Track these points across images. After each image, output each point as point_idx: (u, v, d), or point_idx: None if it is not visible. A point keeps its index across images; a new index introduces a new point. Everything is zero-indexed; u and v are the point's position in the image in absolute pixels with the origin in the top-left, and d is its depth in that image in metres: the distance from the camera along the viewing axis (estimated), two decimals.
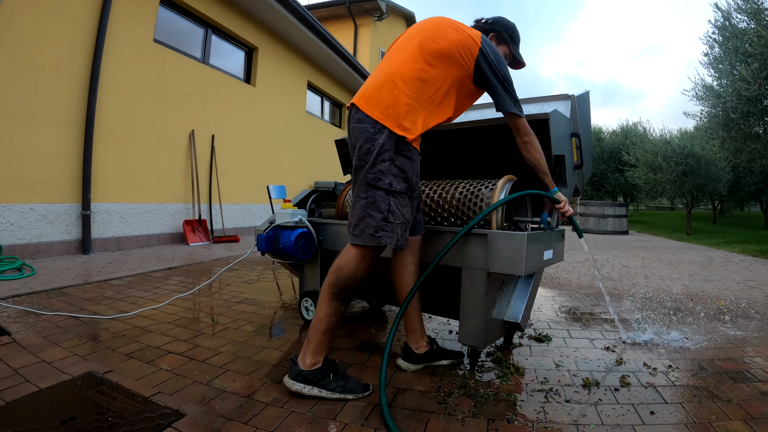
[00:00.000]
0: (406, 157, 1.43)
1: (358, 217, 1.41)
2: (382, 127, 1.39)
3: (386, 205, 1.39)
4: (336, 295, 1.41)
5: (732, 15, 6.78)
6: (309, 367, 1.42)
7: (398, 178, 1.41)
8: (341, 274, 1.42)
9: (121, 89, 4.60)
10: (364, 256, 1.42)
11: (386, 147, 1.38)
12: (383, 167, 1.39)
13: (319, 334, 1.42)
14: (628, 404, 1.44)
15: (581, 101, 2.12)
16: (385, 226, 1.39)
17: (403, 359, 1.72)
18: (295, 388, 1.41)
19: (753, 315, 2.68)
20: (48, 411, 1.27)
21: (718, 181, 10.38)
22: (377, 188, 1.39)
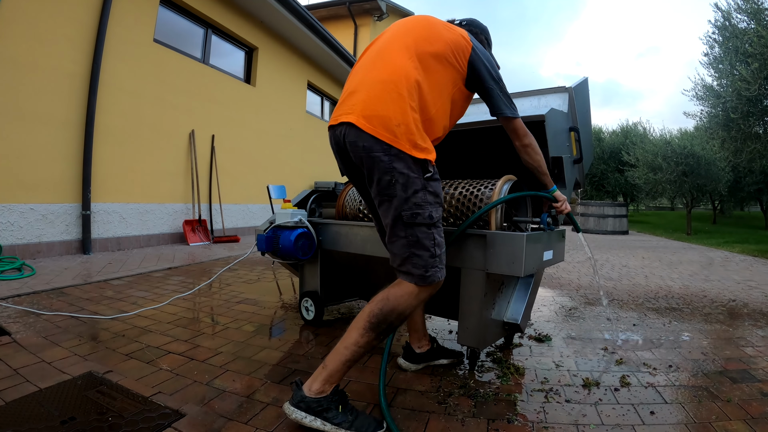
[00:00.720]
0: (435, 180, 1.26)
1: (403, 258, 1.25)
2: (398, 152, 1.19)
3: (431, 241, 1.24)
4: (374, 326, 1.23)
5: (732, 15, 6.78)
6: (315, 395, 1.22)
7: (434, 206, 1.25)
8: (387, 306, 1.24)
9: (121, 89, 4.60)
10: (418, 294, 1.26)
11: (413, 175, 1.21)
12: (418, 200, 1.21)
13: (339, 362, 1.23)
14: (628, 404, 1.44)
15: (579, 92, 2.05)
16: (434, 263, 1.25)
17: (404, 359, 1.72)
18: (294, 417, 1.21)
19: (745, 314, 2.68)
20: (48, 411, 1.27)
21: (718, 181, 10.38)
22: (418, 225, 1.23)
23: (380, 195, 1.25)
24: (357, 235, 1.96)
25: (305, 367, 1.71)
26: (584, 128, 2.12)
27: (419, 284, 1.24)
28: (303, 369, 1.68)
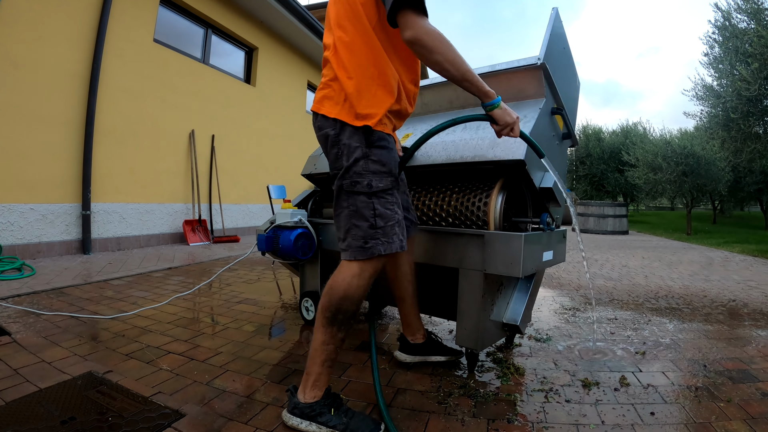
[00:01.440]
0: (380, 147, 1.22)
1: (345, 230, 1.24)
2: (342, 124, 1.20)
3: (371, 210, 1.21)
4: (330, 320, 1.22)
5: (732, 15, 6.79)
6: (307, 400, 1.24)
7: (378, 175, 1.21)
8: (333, 295, 1.22)
9: (122, 89, 4.60)
10: (361, 272, 1.22)
11: (354, 144, 1.20)
12: (358, 168, 1.20)
13: (317, 365, 1.25)
14: (628, 404, 1.44)
15: (552, 55, 1.74)
16: (374, 234, 1.20)
17: (399, 350, 1.74)
18: (291, 423, 1.23)
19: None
20: (48, 411, 1.27)
21: (718, 181, 10.38)
22: (357, 194, 1.21)
23: (332, 169, 1.26)
24: None
25: (305, 367, 1.70)
26: (564, 71, 1.87)
27: (359, 258, 1.21)
28: (303, 369, 1.67)
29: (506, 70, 1.77)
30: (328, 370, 1.26)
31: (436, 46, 1.12)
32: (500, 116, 1.27)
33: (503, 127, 1.29)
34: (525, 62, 1.70)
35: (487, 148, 1.61)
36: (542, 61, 1.66)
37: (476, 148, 1.64)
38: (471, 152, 1.64)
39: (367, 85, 1.19)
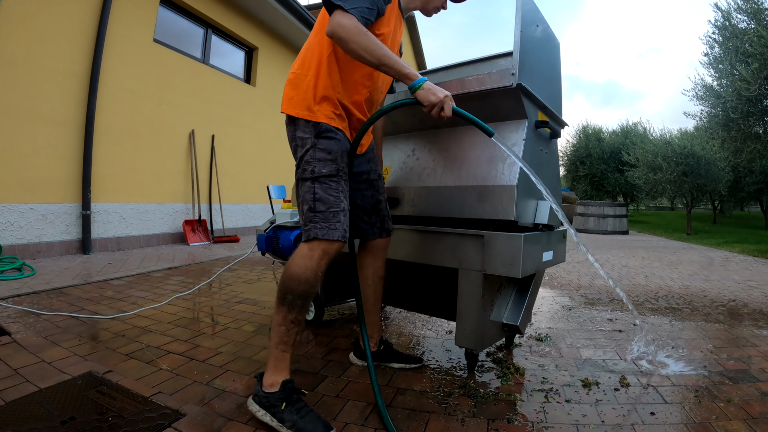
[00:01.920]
0: (328, 138, 1.31)
1: (300, 216, 1.34)
2: (295, 120, 1.34)
3: (311, 194, 1.28)
4: (281, 299, 1.27)
5: (732, 15, 6.78)
6: (266, 389, 1.26)
7: (322, 162, 1.29)
8: (285, 273, 1.28)
9: (121, 89, 4.60)
10: (307, 253, 1.27)
11: (305, 136, 1.31)
12: (306, 157, 1.30)
13: (272, 346, 1.28)
14: (628, 404, 1.44)
15: (528, 53, 1.56)
16: (313, 217, 1.27)
17: (354, 354, 1.76)
18: (251, 409, 1.28)
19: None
20: (48, 411, 1.27)
21: (718, 181, 10.38)
22: (304, 180, 1.30)
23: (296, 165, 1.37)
24: None
25: (305, 367, 1.71)
26: (542, 51, 1.70)
27: (305, 241, 1.28)
28: (303, 369, 1.68)
29: (479, 92, 1.59)
30: (283, 354, 1.27)
31: (349, 36, 1.18)
32: (424, 97, 1.26)
33: (431, 108, 1.27)
34: (498, 82, 1.53)
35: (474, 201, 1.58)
36: (517, 83, 1.48)
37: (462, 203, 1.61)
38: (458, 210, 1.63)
39: (312, 85, 1.32)
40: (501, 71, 1.55)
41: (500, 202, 1.49)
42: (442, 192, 1.66)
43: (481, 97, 1.61)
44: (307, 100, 1.32)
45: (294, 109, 1.33)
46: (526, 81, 1.54)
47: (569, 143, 17.98)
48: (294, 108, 1.33)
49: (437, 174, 1.71)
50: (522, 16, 1.51)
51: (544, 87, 1.70)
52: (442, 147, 1.76)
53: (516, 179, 1.47)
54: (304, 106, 1.32)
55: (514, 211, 1.46)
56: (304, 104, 1.32)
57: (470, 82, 1.63)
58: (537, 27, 1.63)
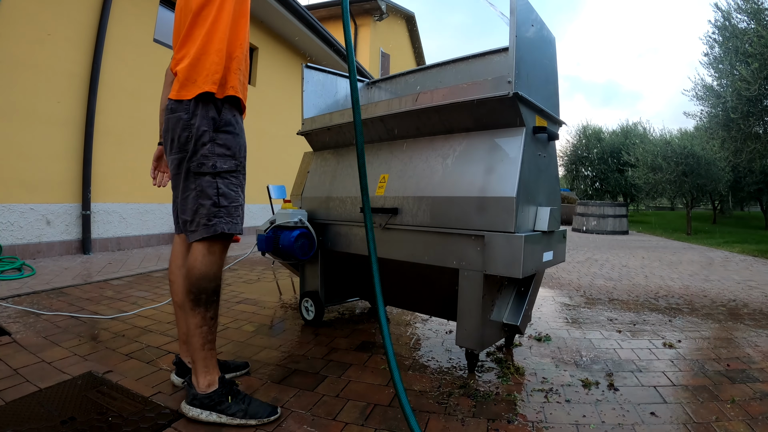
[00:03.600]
0: (227, 132, 1.30)
1: (192, 212, 1.28)
2: (194, 105, 1.26)
3: (214, 189, 1.28)
4: (195, 300, 1.25)
5: (732, 15, 6.78)
6: (204, 390, 1.26)
7: (223, 157, 1.29)
8: (191, 276, 1.26)
9: (121, 89, 4.60)
10: (210, 250, 1.28)
11: (203, 128, 1.26)
12: (204, 151, 1.27)
13: (197, 350, 1.26)
14: (628, 404, 1.44)
15: (523, 59, 1.53)
16: (218, 212, 1.27)
17: (175, 374, 1.51)
18: (191, 414, 1.25)
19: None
20: (48, 411, 1.27)
21: (718, 181, 10.38)
22: (203, 174, 1.27)
23: (178, 152, 1.32)
24: (357, 236, 1.96)
25: (305, 367, 1.71)
26: (538, 50, 1.66)
27: (204, 236, 1.27)
28: (303, 369, 1.68)
29: (474, 101, 1.58)
30: (210, 353, 1.28)
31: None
32: None
33: None
34: (494, 91, 1.52)
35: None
36: (514, 91, 1.46)
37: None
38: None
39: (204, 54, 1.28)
40: (497, 79, 1.53)
41: (500, 213, 1.48)
42: (441, 203, 1.65)
43: (476, 105, 1.60)
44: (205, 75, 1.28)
45: (191, 92, 1.28)
46: (523, 88, 1.52)
47: (569, 143, 17.98)
48: (192, 89, 1.29)
49: (435, 183, 1.69)
50: (517, 18, 1.49)
51: (541, 88, 1.69)
52: (439, 155, 1.74)
53: (515, 190, 1.46)
54: (200, 84, 1.29)
55: (514, 223, 1.45)
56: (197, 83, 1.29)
57: (466, 89, 1.61)
58: (532, 27, 1.62)
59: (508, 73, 1.50)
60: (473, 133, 1.68)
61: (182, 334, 1.50)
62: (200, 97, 1.26)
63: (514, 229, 1.45)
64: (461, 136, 1.70)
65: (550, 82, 1.78)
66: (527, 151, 1.55)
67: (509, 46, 1.51)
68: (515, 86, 1.47)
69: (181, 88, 1.26)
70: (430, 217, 1.67)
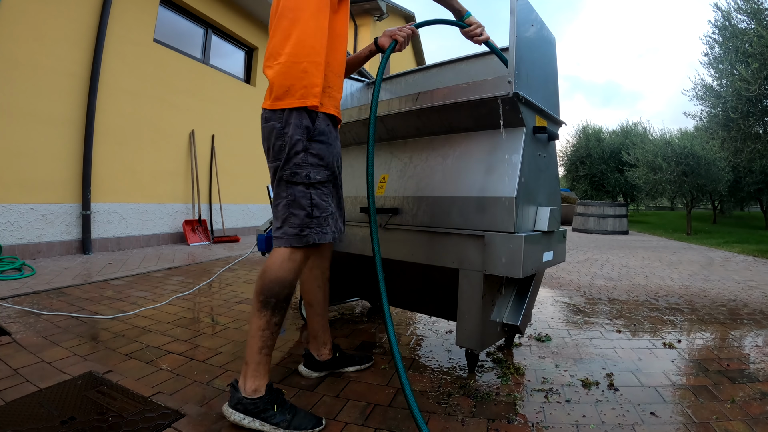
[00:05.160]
0: (320, 141, 1.31)
1: (282, 219, 1.30)
2: (288, 114, 1.28)
3: (308, 200, 1.29)
4: (264, 303, 1.24)
5: (732, 15, 6.78)
6: (250, 395, 1.23)
7: (316, 167, 1.30)
8: (266, 278, 1.26)
9: (121, 89, 4.60)
10: (291, 257, 1.29)
11: (297, 137, 1.27)
12: (298, 160, 1.28)
13: (254, 353, 1.25)
14: (628, 404, 1.44)
15: (523, 59, 1.53)
16: (310, 223, 1.28)
17: (304, 366, 1.63)
18: (233, 418, 1.22)
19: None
20: (48, 411, 1.27)
21: (718, 181, 10.38)
22: (296, 184, 1.29)
23: (274, 160, 1.35)
24: (357, 236, 1.95)
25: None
26: (538, 50, 1.66)
27: (294, 245, 1.28)
28: None
29: (474, 101, 1.57)
30: (266, 358, 1.26)
31: None
32: (472, 20, 1.60)
33: (475, 27, 1.61)
34: (494, 91, 1.52)
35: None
36: (514, 92, 1.46)
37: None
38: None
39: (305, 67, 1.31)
40: (497, 79, 1.53)
41: (500, 214, 1.48)
42: (441, 203, 1.65)
43: (476, 105, 1.59)
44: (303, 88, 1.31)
45: (285, 102, 1.30)
46: (523, 88, 1.52)
47: (569, 143, 17.99)
48: (286, 99, 1.30)
49: (436, 184, 1.69)
50: (516, 18, 1.49)
51: (541, 88, 1.69)
52: (439, 155, 1.74)
53: (515, 190, 1.46)
54: (298, 97, 1.31)
55: (514, 223, 1.45)
56: (297, 95, 1.31)
57: (466, 89, 1.61)
58: (532, 27, 1.61)
59: (508, 73, 1.50)
60: (473, 133, 1.68)
61: (312, 330, 1.60)
62: (294, 107, 1.28)
63: (514, 229, 1.45)
64: (461, 136, 1.71)
65: (550, 82, 1.78)
66: (527, 151, 1.55)
67: (509, 46, 1.51)
68: (515, 86, 1.47)
69: (276, 99, 1.28)
70: (430, 217, 1.67)
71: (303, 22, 1.28)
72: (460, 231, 1.57)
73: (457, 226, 1.59)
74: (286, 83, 1.27)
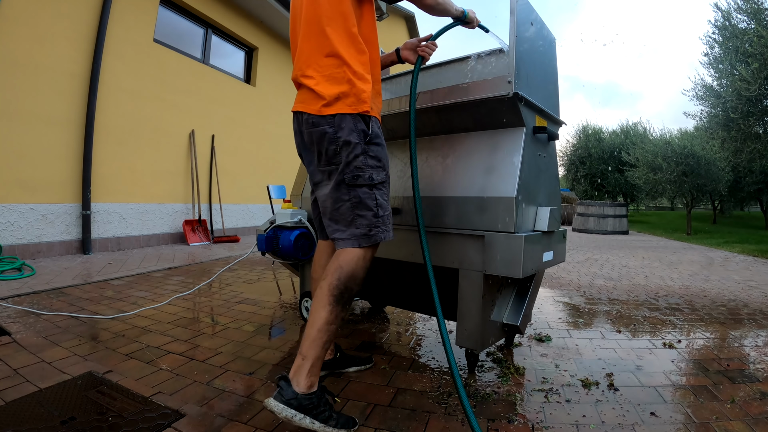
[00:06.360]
0: (376, 144, 1.34)
1: (348, 220, 1.31)
2: (340, 119, 1.28)
3: (373, 201, 1.31)
4: (338, 298, 1.25)
5: (732, 15, 6.79)
6: (305, 390, 1.17)
7: (377, 169, 1.32)
8: (343, 274, 1.26)
9: (121, 89, 4.60)
10: (365, 256, 1.32)
11: (354, 140, 1.29)
12: (358, 163, 1.29)
13: (318, 347, 1.21)
14: (628, 404, 1.44)
15: (524, 50, 1.54)
16: (377, 222, 1.31)
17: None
18: (284, 415, 1.13)
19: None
20: (48, 411, 1.27)
21: (718, 181, 10.38)
22: (359, 186, 1.30)
23: (326, 164, 1.37)
24: None
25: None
26: (537, 51, 1.66)
27: (363, 245, 1.30)
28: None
29: (474, 101, 1.60)
30: (325, 353, 1.25)
31: (441, 5, 1.48)
32: (470, 16, 1.59)
33: (473, 20, 1.61)
34: (494, 91, 1.54)
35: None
36: (514, 92, 1.48)
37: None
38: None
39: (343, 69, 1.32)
40: (497, 79, 1.53)
41: (500, 213, 1.48)
42: (441, 203, 1.65)
43: (476, 105, 1.59)
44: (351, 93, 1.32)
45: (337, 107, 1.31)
46: (523, 88, 1.52)
47: (569, 143, 18.00)
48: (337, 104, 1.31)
49: (435, 184, 1.69)
50: (516, 18, 1.49)
51: (541, 88, 1.69)
52: (439, 155, 1.74)
53: (515, 190, 1.46)
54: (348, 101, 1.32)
55: (514, 223, 1.45)
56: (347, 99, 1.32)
57: (466, 89, 1.61)
58: (531, 26, 1.61)
59: (508, 73, 1.50)
60: (473, 133, 1.68)
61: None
62: (345, 112, 1.29)
63: (514, 229, 1.45)
64: (461, 136, 1.71)
65: (550, 82, 1.78)
66: (527, 151, 1.55)
67: (509, 46, 1.51)
68: (515, 86, 1.48)
69: (326, 106, 1.29)
70: (430, 217, 1.67)
71: (336, 32, 1.28)
72: (460, 231, 1.57)
73: (457, 226, 1.59)
74: (335, 91, 1.28)
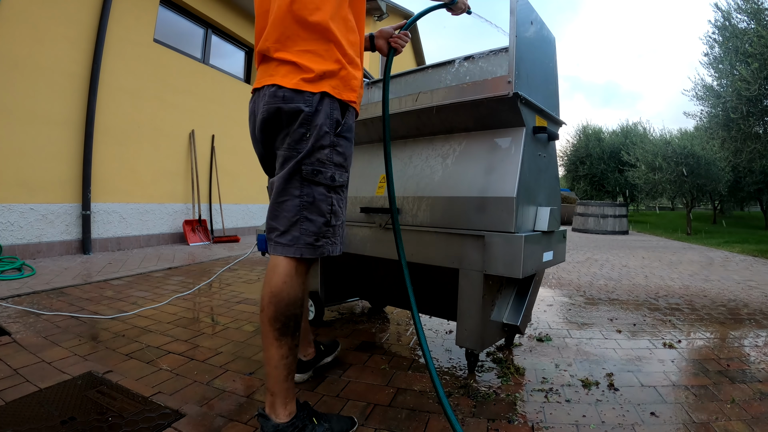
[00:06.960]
0: (345, 138, 1.15)
1: (290, 222, 1.10)
2: (319, 99, 1.09)
3: (328, 206, 1.11)
4: (283, 331, 1.09)
5: (732, 15, 6.79)
6: (284, 419, 1.10)
7: (340, 169, 1.14)
8: (280, 303, 1.09)
9: (121, 89, 4.60)
10: (298, 271, 1.12)
11: (326, 129, 1.09)
12: (322, 156, 1.10)
13: (280, 382, 1.10)
14: (628, 404, 1.44)
15: (523, 58, 1.53)
16: (327, 232, 1.12)
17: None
18: None
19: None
20: (48, 411, 1.27)
21: (718, 181, 10.38)
22: (316, 184, 1.10)
23: (288, 149, 1.16)
24: (356, 236, 1.95)
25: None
26: (537, 48, 1.64)
27: (305, 255, 1.11)
28: None
29: (474, 101, 1.58)
30: (292, 383, 1.14)
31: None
32: (463, 1, 1.55)
33: (462, 4, 1.56)
34: (494, 91, 1.53)
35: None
36: (514, 92, 1.47)
37: None
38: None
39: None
40: (496, 79, 1.53)
41: (500, 213, 1.48)
42: (441, 203, 1.64)
43: (476, 104, 1.59)
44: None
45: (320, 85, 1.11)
46: (523, 88, 1.52)
47: (569, 143, 17.99)
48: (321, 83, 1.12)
49: (435, 183, 1.69)
50: (516, 18, 1.49)
51: (541, 88, 1.68)
52: (439, 155, 1.74)
53: (515, 190, 1.46)
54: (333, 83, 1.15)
55: (514, 223, 1.45)
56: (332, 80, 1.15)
57: (466, 89, 1.60)
58: (531, 25, 1.61)
59: (508, 73, 1.50)
60: (473, 133, 1.68)
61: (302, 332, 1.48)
62: (326, 93, 1.10)
63: (514, 229, 1.45)
64: (461, 136, 1.70)
65: (550, 82, 1.78)
66: (527, 151, 1.55)
67: (509, 46, 1.51)
68: (515, 86, 1.47)
69: (307, 81, 1.08)
70: (430, 217, 1.67)
71: (325, 11, 1.09)
72: (460, 231, 1.57)
73: (457, 226, 1.59)
74: (322, 67, 1.09)
